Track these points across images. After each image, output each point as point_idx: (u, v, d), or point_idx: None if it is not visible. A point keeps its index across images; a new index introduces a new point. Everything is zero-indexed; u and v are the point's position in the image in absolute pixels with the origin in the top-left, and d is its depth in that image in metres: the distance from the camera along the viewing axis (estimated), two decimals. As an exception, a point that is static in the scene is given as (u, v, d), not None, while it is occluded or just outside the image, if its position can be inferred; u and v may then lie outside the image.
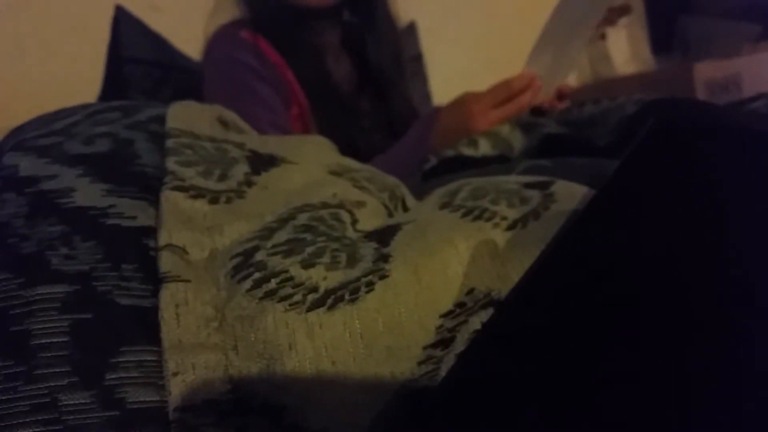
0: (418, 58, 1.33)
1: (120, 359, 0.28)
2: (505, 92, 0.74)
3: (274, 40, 0.91)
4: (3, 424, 0.25)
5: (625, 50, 1.69)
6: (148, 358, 0.29)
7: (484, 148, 0.60)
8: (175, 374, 0.28)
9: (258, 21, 0.92)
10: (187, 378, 0.28)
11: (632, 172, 0.34)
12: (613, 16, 1.69)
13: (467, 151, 0.60)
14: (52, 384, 0.27)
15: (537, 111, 0.76)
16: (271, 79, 0.88)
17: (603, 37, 1.68)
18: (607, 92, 0.89)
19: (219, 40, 0.94)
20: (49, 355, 0.27)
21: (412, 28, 1.34)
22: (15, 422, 0.26)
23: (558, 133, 0.57)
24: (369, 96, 0.99)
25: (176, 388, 0.27)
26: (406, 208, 0.43)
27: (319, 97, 0.90)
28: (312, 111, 0.90)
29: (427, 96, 1.30)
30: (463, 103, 0.77)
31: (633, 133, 0.35)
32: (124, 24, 1.07)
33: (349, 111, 0.94)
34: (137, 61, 1.07)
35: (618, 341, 0.27)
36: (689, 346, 0.26)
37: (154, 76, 1.08)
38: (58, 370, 0.27)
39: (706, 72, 1.33)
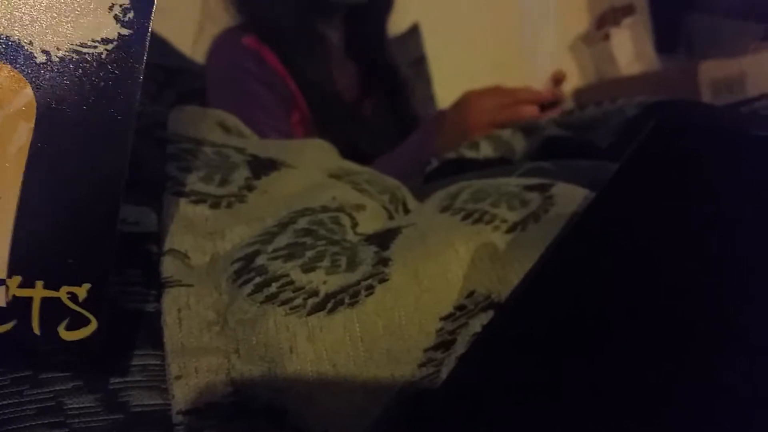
0: (421, 60, 1.33)
1: (123, 363, 0.28)
2: (507, 96, 0.75)
3: (275, 47, 0.91)
4: (10, 427, 0.26)
5: (630, 50, 1.69)
6: (152, 362, 0.29)
7: (486, 150, 0.60)
8: (178, 378, 0.28)
9: (259, 27, 0.93)
10: (190, 381, 0.28)
11: (631, 175, 0.34)
12: (617, 16, 1.69)
13: (469, 154, 0.60)
14: (58, 388, 0.27)
15: (546, 106, 0.76)
16: (272, 84, 0.89)
17: (607, 37, 1.68)
18: (611, 93, 0.88)
19: (221, 47, 0.94)
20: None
21: (415, 30, 1.34)
22: (22, 426, 0.26)
23: (559, 136, 0.57)
24: (372, 101, 0.99)
25: (179, 392, 0.28)
26: (407, 210, 0.44)
27: (321, 105, 0.91)
28: (313, 118, 0.91)
29: (431, 98, 1.30)
30: (465, 102, 0.78)
31: (634, 135, 0.35)
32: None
33: (351, 118, 0.94)
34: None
35: (618, 344, 0.27)
36: (689, 349, 0.26)
37: (159, 79, 1.09)
38: (63, 374, 0.27)
39: (711, 71, 1.32)
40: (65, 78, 0.25)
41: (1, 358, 0.27)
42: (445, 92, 1.19)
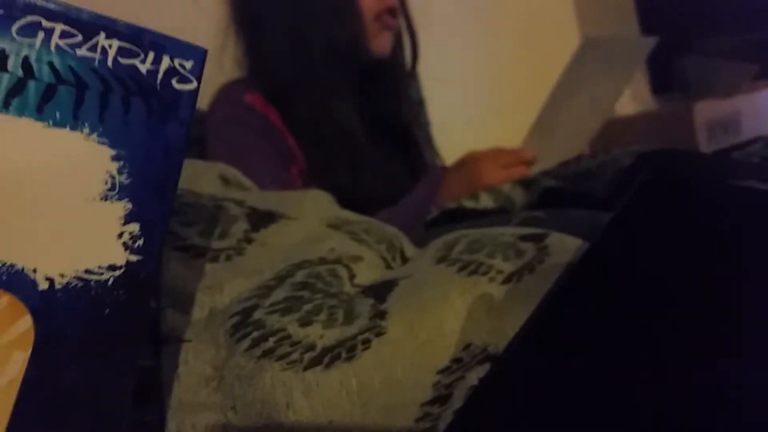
0: (420, 104, 1.35)
1: (121, 421, 0.28)
2: (512, 156, 0.78)
3: (278, 106, 0.91)
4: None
5: (625, 91, 1.71)
6: (151, 418, 0.29)
7: (486, 201, 0.61)
8: (175, 435, 0.28)
9: (265, 86, 0.93)
10: (187, 438, 0.28)
11: (624, 226, 0.35)
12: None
13: (469, 204, 0.61)
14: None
15: None
16: (272, 138, 0.89)
17: (603, 78, 1.70)
18: (606, 134, 0.90)
19: (222, 101, 0.95)
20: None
21: (412, 74, 1.36)
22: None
23: (556, 187, 0.58)
24: (377, 150, 0.99)
25: (176, 449, 0.28)
26: (404, 258, 0.44)
27: (320, 161, 0.91)
28: (310, 172, 0.91)
29: (429, 141, 1.31)
30: (473, 161, 0.81)
31: (628, 186, 0.36)
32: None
33: (351, 171, 0.93)
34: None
35: (615, 397, 0.27)
36: (687, 402, 0.26)
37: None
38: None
39: (706, 112, 1.34)
40: (68, 305, 0.23)
41: None
42: (444, 136, 1.20)
